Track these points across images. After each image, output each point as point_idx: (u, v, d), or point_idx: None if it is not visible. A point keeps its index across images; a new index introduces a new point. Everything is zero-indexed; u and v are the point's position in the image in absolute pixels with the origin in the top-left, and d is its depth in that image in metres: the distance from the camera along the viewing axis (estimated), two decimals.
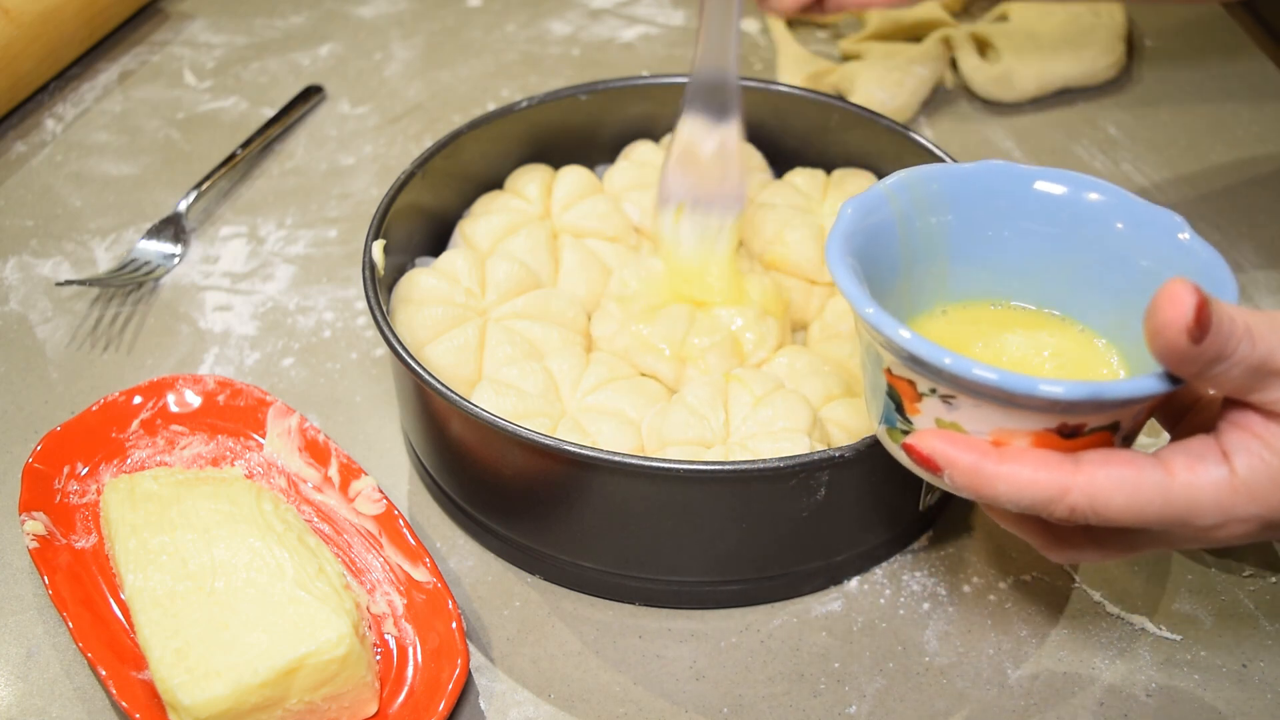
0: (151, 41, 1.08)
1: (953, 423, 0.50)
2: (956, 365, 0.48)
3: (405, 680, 0.60)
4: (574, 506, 0.63)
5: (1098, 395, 0.47)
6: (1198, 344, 0.45)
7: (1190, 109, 1.00)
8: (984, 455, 0.49)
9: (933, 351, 0.48)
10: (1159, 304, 0.45)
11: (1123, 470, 0.48)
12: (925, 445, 0.51)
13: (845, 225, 0.54)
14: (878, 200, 0.56)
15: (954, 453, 0.50)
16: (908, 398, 0.51)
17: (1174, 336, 0.45)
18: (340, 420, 0.76)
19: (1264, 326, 0.46)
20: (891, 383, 0.52)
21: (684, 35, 1.09)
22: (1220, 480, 0.48)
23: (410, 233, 0.75)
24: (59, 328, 0.81)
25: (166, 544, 0.61)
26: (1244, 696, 0.61)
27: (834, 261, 0.52)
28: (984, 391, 0.48)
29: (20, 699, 0.62)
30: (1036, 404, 0.48)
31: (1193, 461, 0.48)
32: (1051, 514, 0.49)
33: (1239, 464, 0.48)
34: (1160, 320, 0.45)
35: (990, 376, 0.47)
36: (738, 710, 0.61)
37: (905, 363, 0.50)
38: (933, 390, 0.50)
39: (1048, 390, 0.47)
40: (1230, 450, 0.48)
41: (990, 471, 0.49)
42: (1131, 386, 0.47)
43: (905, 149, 0.77)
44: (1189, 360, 0.46)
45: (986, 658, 0.63)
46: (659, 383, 0.69)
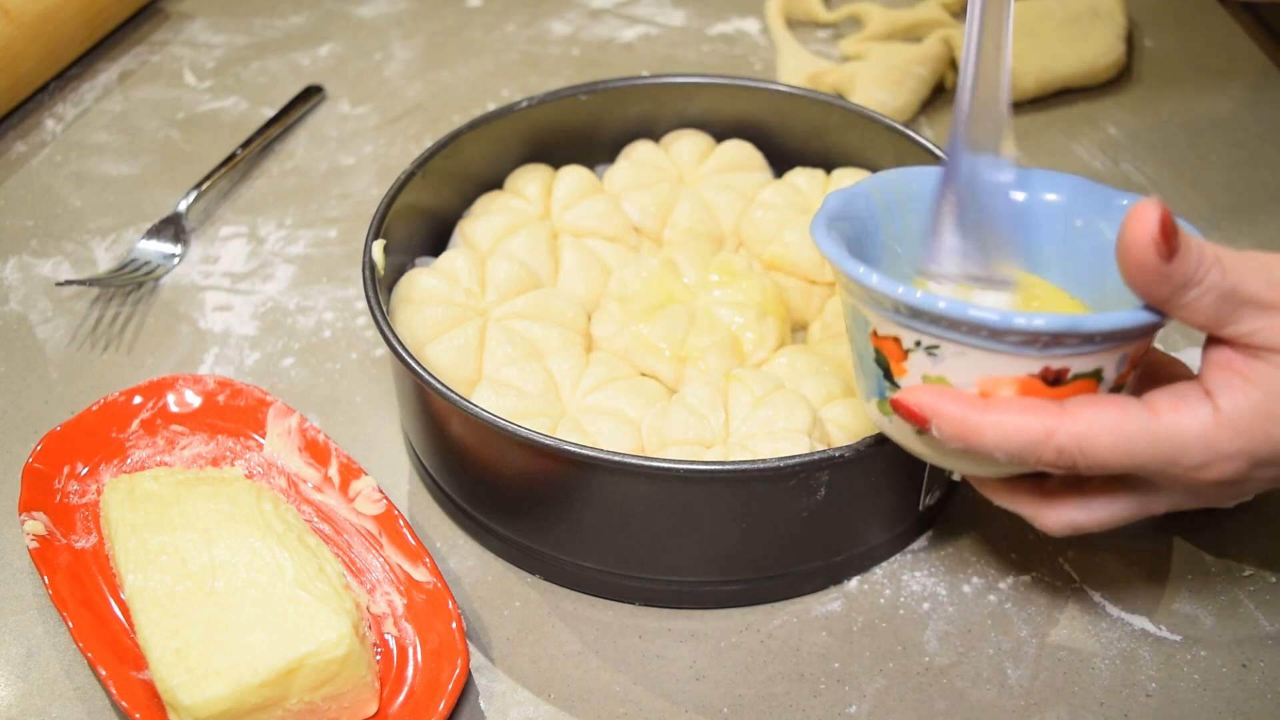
0: (151, 41, 1.08)
1: (939, 376, 0.51)
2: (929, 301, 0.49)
3: (405, 680, 0.60)
4: (574, 506, 0.63)
5: (1077, 326, 0.48)
6: (1167, 260, 0.46)
7: (1190, 109, 1.00)
8: (970, 405, 0.50)
9: (909, 292, 0.49)
10: (1126, 223, 0.46)
11: (1108, 410, 0.49)
12: (912, 398, 0.51)
13: (830, 209, 0.56)
14: (861, 192, 0.58)
15: (940, 404, 0.50)
16: (894, 357, 0.52)
17: (1142, 251, 0.46)
18: (340, 420, 0.76)
19: (1233, 257, 0.47)
20: (878, 345, 0.53)
21: (684, 35, 1.09)
22: (1205, 418, 0.48)
23: (410, 233, 0.75)
24: (59, 328, 0.81)
25: (166, 544, 0.61)
26: (1244, 696, 0.61)
27: (819, 233, 0.54)
28: (963, 326, 0.49)
29: (20, 699, 0.62)
30: (1018, 337, 0.49)
31: (1177, 401, 0.49)
32: (1039, 458, 0.49)
33: (1222, 401, 0.48)
34: (1128, 237, 0.46)
35: (967, 310, 0.48)
36: (738, 710, 0.61)
37: (890, 315, 0.51)
38: (918, 343, 0.51)
39: (1024, 322, 0.48)
40: (1213, 389, 0.49)
41: (976, 420, 0.50)
42: (1111, 318, 0.48)
43: (905, 149, 0.77)
44: (1158, 280, 0.46)
45: (986, 658, 0.63)
46: (659, 383, 0.69)
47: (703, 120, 0.83)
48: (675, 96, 0.82)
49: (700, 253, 0.75)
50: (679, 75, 0.82)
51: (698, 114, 0.83)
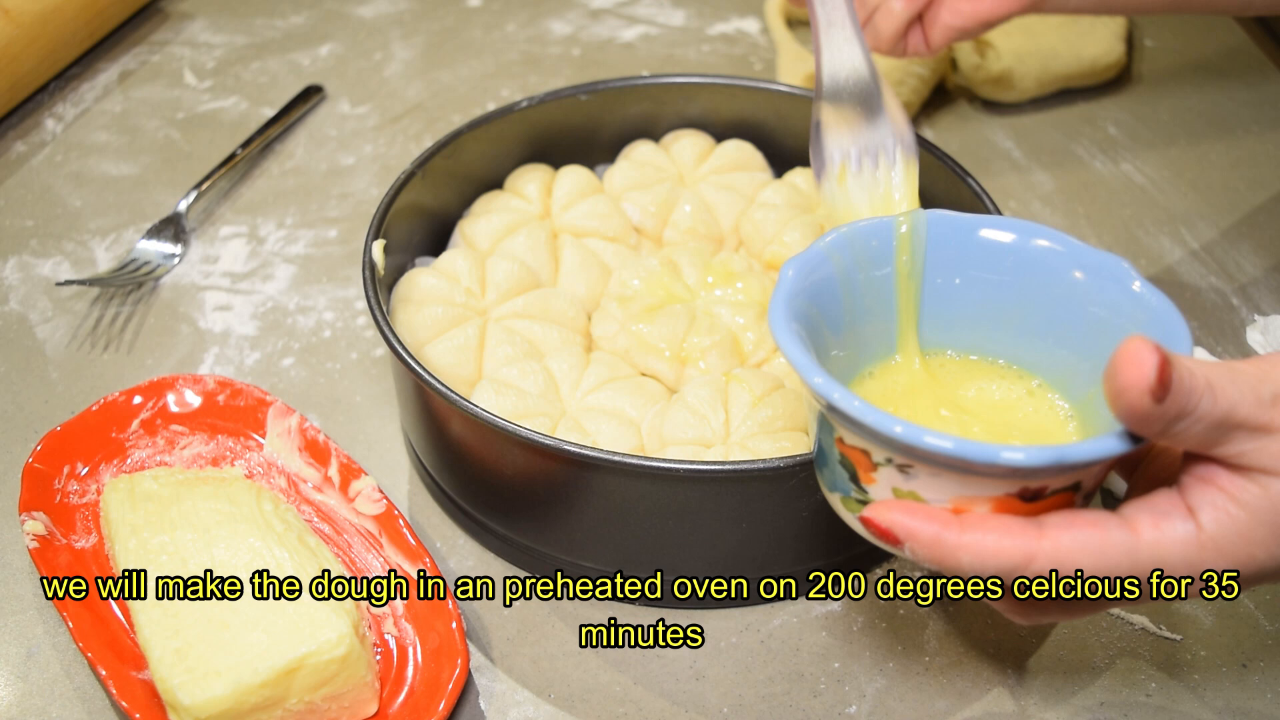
0: (151, 41, 1.08)
1: (910, 491, 0.49)
2: (910, 436, 0.46)
3: (405, 680, 0.60)
4: (574, 506, 0.63)
5: (1060, 460, 0.46)
6: (1160, 404, 0.44)
7: (1190, 109, 1.00)
8: (945, 525, 0.48)
9: (885, 422, 0.47)
10: (1120, 365, 0.44)
11: (1088, 532, 0.47)
12: (883, 518, 0.49)
13: (788, 287, 0.53)
14: (818, 259, 0.54)
15: (914, 524, 0.48)
16: (862, 467, 0.50)
17: (1136, 398, 0.44)
18: (340, 420, 0.76)
19: (1224, 380, 0.45)
20: (844, 452, 0.50)
21: (684, 35, 1.09)
22: (1187, 537, 0.46)
23: (410, 233, 0.75)
24: (59, 328, 0.81)
25: (166, 544, 0.61)
26: (1244, 696, 0.61)
27: (778, 329, 0.51)
28: (942, 461, 0.47)
29: (20, 699, 0.62)
30: (997, 471, 0.47)
31: (1158, 519, 0.47)
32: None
33: (1205, 519, 0.46)
34: (1122, 382, 0.44)
35: (948, 447, 0.46)
36: (738, 710, 0.61)
37: (859, 434, 0.48)
38: (888, 460, 0.48)
39: (1009, 458, 0.45)
40: (1195, 506, 0.47)
41: (953, 542, 0.47)
42: (1093, 448, 0.46)
43: None
44: (1152, 420, 0.44)
45: (986, 658, 0.63)
46: (659, 383, 0.69)
47: (703, 120, 0.83)
48: (675, 96, 0.82)
49: (700, 253, 0.75)
50: (679, 75, 0.82)
51: (698, 114, 0.83)
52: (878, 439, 0.48)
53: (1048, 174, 0.94)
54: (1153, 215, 0.90)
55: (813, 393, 0.49)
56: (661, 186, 0.78)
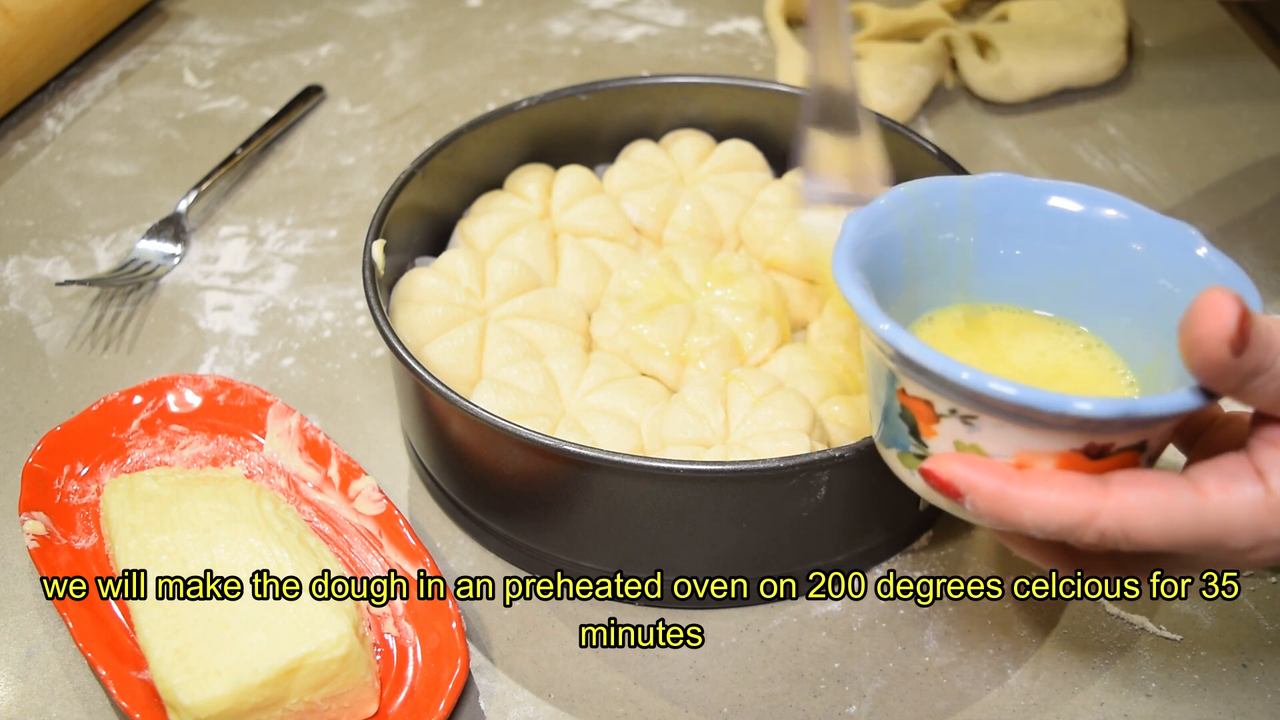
0: (151, 41, 1.08)
1: (973, 445, 0.48)
2: (976, 382, 0.45)
3: (405, 680, 0.60)
4: (574, 506, 0.63)
5: (1131, 412, 0.45)
6: (1239, 356, 0.43)
7: (1190, 109, 1.00)
8: (1008, 479, 0.47)
9: (952, 368, 0.46)
10: (1199, 314, 0.43)
11: (1154, 491, 0.46)
12: (945, 470, 0.48)
13: (851, 237, 0.52)
14: (882, 214, 0.54)
15: (976, 477, 0.47)
16: (924, 419, 0.49)
17: (1214, 348, 0.43)
18: (340, 420, 0.76)
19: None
20: (905, 404, 0.49)
21: (684, 35, 1.09)
22: (1256, 500, 0.46)
23: (410, 233, 0.75)
24: (59, 328, 0.81)
25: (166, 544, 0.61)
26: (1244, 696, 0.61)
27: (843, 277, 0.50)
28: (1009, 410, 0.46)
29: (20, 699, 0.62)
30: (1066, 423, 0.46)
31: (1226, 481, 0.46)
32: (1080, 539, 0.47)
33: (1275, 483, 0.46)
34: (1201, 331, 0.43)
35: (1013, 394, 0.45)
36: (738, 710, 0.61)
37: (924, 382, 0.47)
38: (952, 411, 0.47)
39: (1080, 408, 0.44)
40: (1265, 469, 0.46)
41: (1015, 496, 0.46)
42: (1165, 402, 0.45)
43: (905, 149, 0.77)
44: (1228, 373, 0.44)
45: (986, 658, 0.63)
46: (659, 383, 0.69)
47: (703, 120, 0.83)
48: (675, 96, 0.82)
49: (700, 253, 0.75)
50: (679, 75, 0.82)
51: (698, 114, 0.83)
52: (944, 386, 0.47)
53: (1048, 174, 0.94)
54: None
55: (877, 339, 0.48)
56: (661, 186, 0.78)
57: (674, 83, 0.82)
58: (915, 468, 0.50)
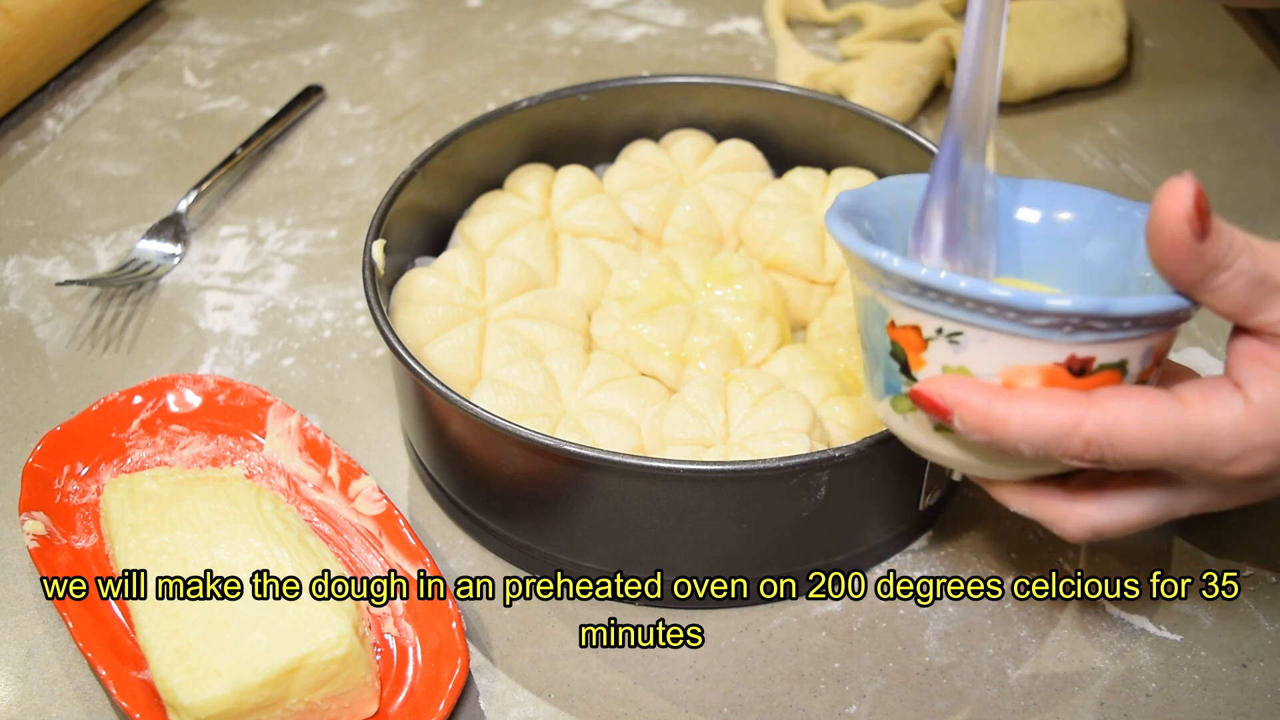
0: (151, 41, 1.08)
1: (960, 366, 0.50)
2: (963, 285, 0.48)
3: (405, 680, 0.60)
4: (574, 506, 0.63)
5: (1105, 309, 0.47)
6: (1200, 238, 0.45)
7: (1190, 109, 1.00)
8: (994, 395, 0.48)
9: (933, 273, 0.48)
10: (1159, 200, 0.45)
11: (1137, 401, 0.48)
12: (933, 390, 0.50)
13: (843, 204, 0.55)
14: (872, 193, 0.57)
15: (963, 394, 0.49)
16: (913, 348, 0.51)
17: (1175, 227, 0.45)
18: (340, 420, 0.76)
19: (1263, 244, 0.47)
20: (895, 338, 0.51)
21: (684, 35, 1.09)
22: (1236, 409, 0.47)
23: (410, 233, 0.75)
24: (59, 328, 0.81)
25: (166, 544, 0.61)
26: (1244, 696, 0.61)
27: (833, 221, 0.53)
28: (993, 308, 0.48)
29: (20, 699, 0.62)
30: (1045, 320, 0.47)
31: (1207, 393, 0.48)
32: (1066, 450, 0.48)
33: (1253, 392, 0.47)
34: (1161, 214, 0.45)
35: (1001, 291, 0.47)
36: (738, 710, 0.61)
37: (911, 300, 0.50)
38: (939, 330, 0.50)
39: (1055, 304, 0.47)
40: (1243, 380, 0.48)
41: (1001, 410, 0.48)
42: (1140, 302, 0.48)
43: (905, 149, 0.77)
44: (1191, 260, 0.45)
45: (986, 658, 0.63)
46: (659, 383, 0.69)
47: (703, 120, 0.83)
48: (675, 96, 0.82)
49: (700, 253, 0.75)
50: (679, 75, 0.82)
51: (698, 114, 0.83)
52: (928, 292, 0.49)
53: (1048, 174, 0.94)
54: None
55: (867, 264, 0.50)
56: (661, 186, 0.78)
57: (674, 83, 0.82)
58: (908, 412, 0.52)
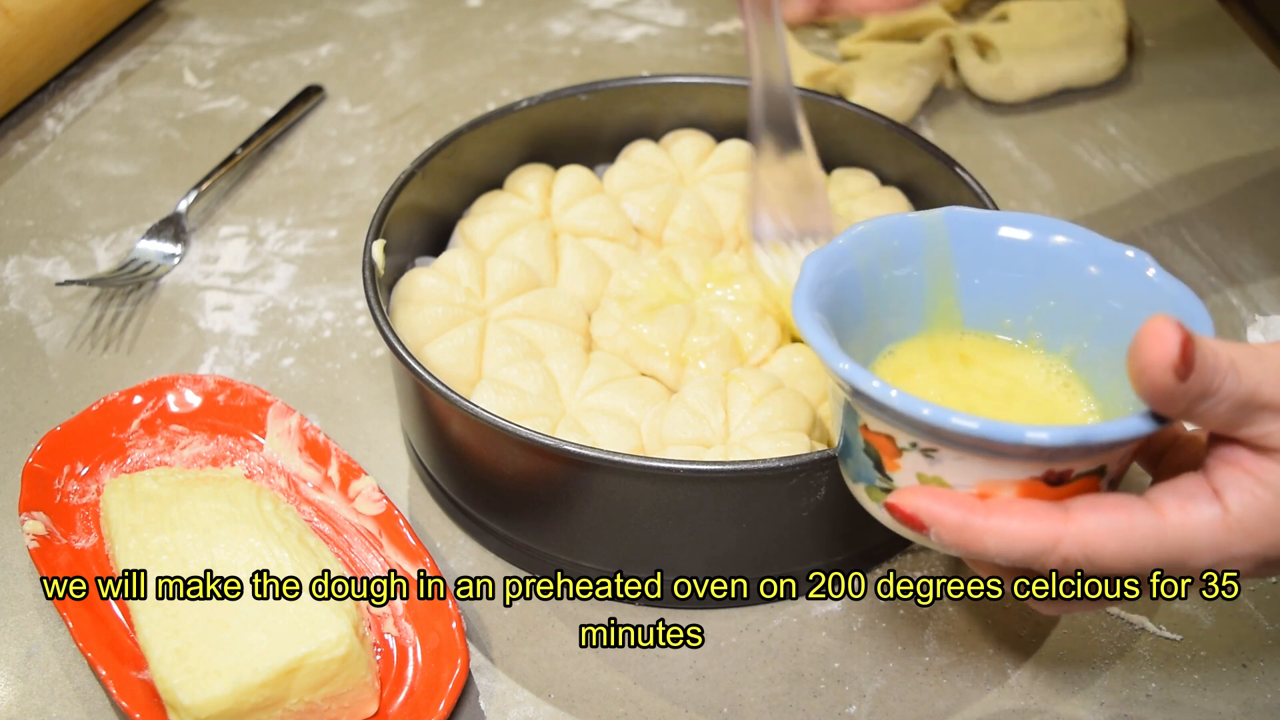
0: (151, 41, 1.08)
1: (935, 477, 0.49)
2: (936, 417, 0.46)
3: (405, 680, 0.60)
4: (574, 506, 0.63)
5: (1085, 440, 0.46)
6: (1184, 381, 0.44)
7: (1190, 109, 1.00)
8: (970, 510, 0.48)
9: (912, 404, 0.47)
10: (1143, 342, 0.44)
11: (1114, 515, 0.47)
12: (908, 504, 0.49)
13: (811, 277, 0.53)
14: (841, 253, 0.55)
15: (939, 509, 0.48)
16: (887, 454, 0.50)
17: (1159, 375, 0.44)
18: (340, 420, 0.76)
19: (1248, 360, 0.45)
20: (869, 439, 0.50)
21: (684, 35, 1.09)
22: (1214, 519, 0.46)
23: (410, 233, 0.75)
24: (59, 328, 0.81)
25: (166, 544, 0.61)
26: (1244, 696, 0.61)
27: (802, 317, 0.51)
28: (967, 443, 0.47)
29: (20, 699, 0.62)
30: (1022, 452, 0.47)
31: (1184, 501, 0.47)
32: (1044, 565, 0.47)
33: (1232, 501, 0.46)
34: (1145, 359, 0.44)
35: (973, 427, 0.46)
36: (738, 710, 0.61)
37: (884, 419, 0.49)
38: (913, 445, 0.49)
39: (1034, 438, 0.46)
40: (1222, 488, 0.47)
41: (978, 526, 0.47)
42: (1118, 428, 0.46)
43: (905, 149, 0.77)
44: (1175, 398, 0.45)
45: (986, 658, 0.63)
46: (659, 382, 0.69)
47: (703, 120, 0.83)
48: (675, 96, 0.82)
49: (700, 253, 0.75)
50: (679, 75, 0.82)
51: (698, 114, 0.83)
52: (902, 421, 0.48)
53: (1048, 174, 0.94)
54: (1153, 215, 0.90)
55: (837, 379, 0.49)
56: (661, 186, 0.78)
57: (674, 83, 0.82)
58: (881, 501, 0.51)
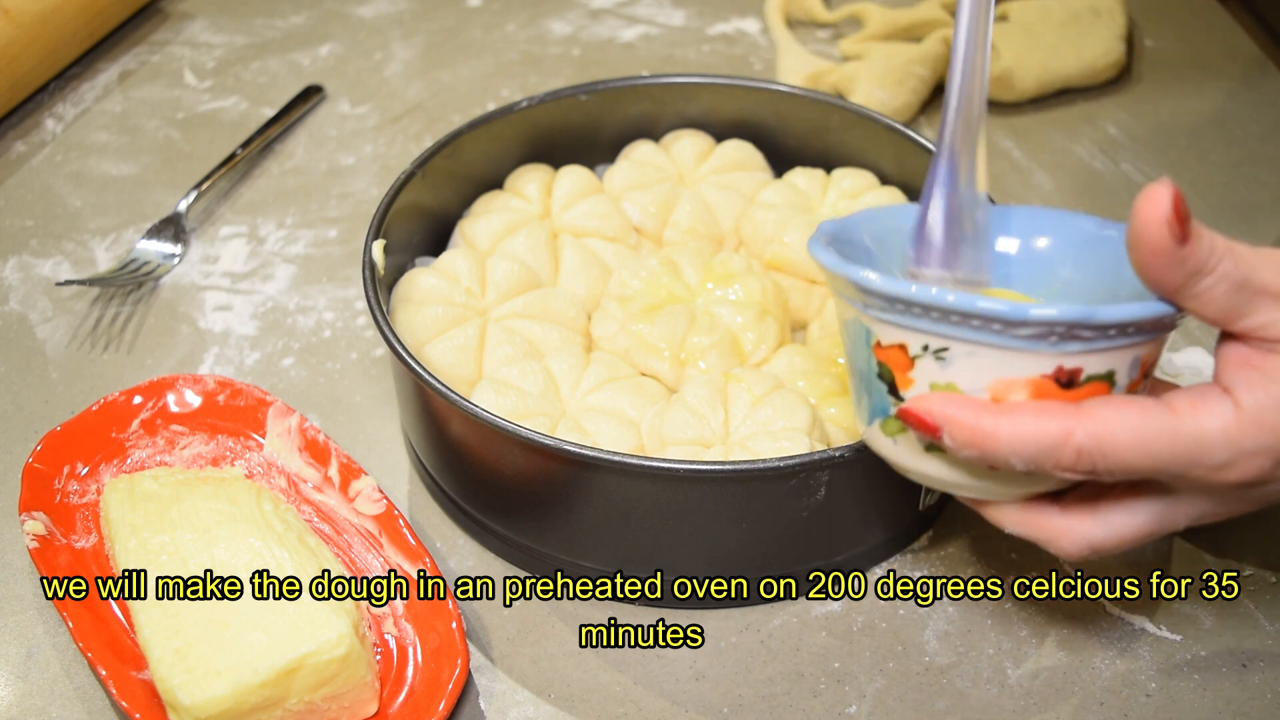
0: (151, 41, 1.08)
1: (948, 383, 0.50)
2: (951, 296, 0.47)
3: (405, 680, 0.60)
4: (574, 506, 0.63)
5: (1091, 316, 0.47)
6: (1180, 242, 0.45)
7: (1190, 109, 1.00)
8: (983, 409, 0.48)
9: (926, 288, 0.48)
10: (1138, 206, 0.45)
11: (1127, 410, 0.47)
12: (921, 406, 0.49)
13: (825, 230, 0.55)
14: (853, 223, 0.57)
15: (952, 410, 0.49)
16: (899, 368, 0.51)
17: (1154, 232, 0.45)
18: (340, 420, 0.76)
19: (1244, 249, 0.46)
20: (881, 358, 0.51)
21: (684, 35, 1.09)
22: (1227, 415, 0.47)
23: (410, 233, 0.75)
24: (59, 328, 0.81)
25: (166, 544, 0.61)
26: (1244, 696, 0.61)
27: (815, 246, 0.53)
28: (977, 320, 0.47)
29: (20, 699, 0.62)
30: (1031, 330, 0.47)
31: (1196, 400, 0.47)
32: (1057, 462, 0.47)
33: (1243, 398, 0.47)
34: (1140, 220, 0.45)
35: (984, 302, 0.47)
36: (738, 710, 0.61)
37: (895, 318, 0.50)
38: (925, 347, 0.49)
39: (1040, 312, 0.47)
40: (1232, 386, 0.47)
41: (990, 424, 0.48)
42: (1125, 309, 0.47)
43: (905, 149, 0.77)
44: (1173, 265, 0.45)
45: (986, 658, 0.63)
46: (659, 383, 0.69)
47: (703, 120, 0.83)
48: (675, 96, 0.82)
49: (700, 253, 0.75)
50: (679, 75, 0.82)
51: (698, 114, 0.83)
52: (913, 307, 0.49)
53: (1048, 174, 0.94)
54: None
55: (850, 285, 0.50)
56: (661, 186, 0.78)
57: (674, 83, 0.82)
58: (897, 435, 0.52)
